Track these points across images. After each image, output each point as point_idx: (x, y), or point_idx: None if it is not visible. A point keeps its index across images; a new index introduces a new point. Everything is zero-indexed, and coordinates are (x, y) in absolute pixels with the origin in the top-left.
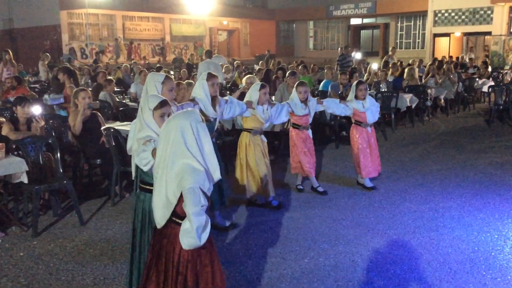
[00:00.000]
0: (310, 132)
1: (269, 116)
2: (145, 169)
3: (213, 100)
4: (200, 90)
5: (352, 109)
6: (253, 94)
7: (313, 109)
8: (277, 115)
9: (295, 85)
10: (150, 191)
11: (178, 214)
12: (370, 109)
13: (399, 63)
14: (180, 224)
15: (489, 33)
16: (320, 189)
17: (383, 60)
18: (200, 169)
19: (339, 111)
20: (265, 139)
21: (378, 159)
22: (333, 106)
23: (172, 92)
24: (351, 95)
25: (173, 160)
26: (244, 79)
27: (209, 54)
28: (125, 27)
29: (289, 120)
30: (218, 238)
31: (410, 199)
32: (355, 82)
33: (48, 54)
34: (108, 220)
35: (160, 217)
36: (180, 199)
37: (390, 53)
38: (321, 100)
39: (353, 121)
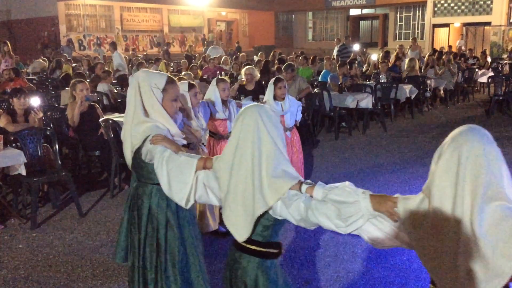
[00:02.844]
0: None
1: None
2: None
3: None
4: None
5: None
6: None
7: (234, 112)
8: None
9: (215, 81)
10: None
11: None
12: (290, 111)
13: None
14: None
15: (488, 24)
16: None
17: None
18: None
19: None
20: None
21: (299, 166)
22: None
23: (176, 102)
24: (268, 95)
25: None
26: (242, 71)
27: (114, 45)
28: (123, 18)
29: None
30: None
31: (410, 189)
32: (272, 80)
33: (45, 58)
34: (107, 211)
35: None
36: None
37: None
38: (240, 103)
39: None
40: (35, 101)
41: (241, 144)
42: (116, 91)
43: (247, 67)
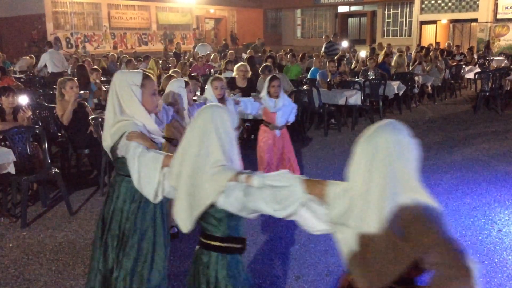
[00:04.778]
0: None
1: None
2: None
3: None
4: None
5: (263, 107)
6: (181, 92)
7: (232, 110)
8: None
9: (210, 80)
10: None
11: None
12: (282, 110)
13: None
14: None
15: (475, 20)
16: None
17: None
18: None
19: (255, 111)
20: None
21: (292, 167)
22: (249, 106)
23: (155, 96)
24: (263, 92)
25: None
26: (235, 67)
27: (50, 44)
28: (111, 15)
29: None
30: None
31: None
32: (268, 77)
33: (32, 56)
34: (98, 210)
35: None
36: None
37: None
38: (237, 100)
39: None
40: (23, 99)
41: (191, 142)
42: (105, 89)
43: (241, 63)
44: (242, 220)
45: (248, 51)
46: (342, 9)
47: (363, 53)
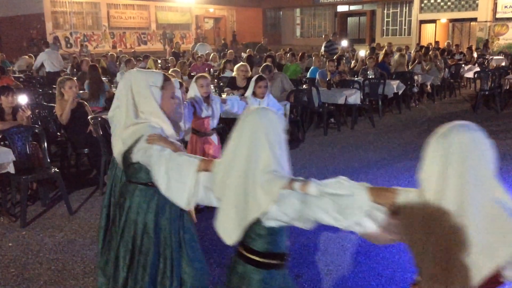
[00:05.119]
0: (215, 138)
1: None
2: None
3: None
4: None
5: (248, 107)
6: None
7: (218, 109)
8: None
9: (194, 78)
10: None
11: None
12: None
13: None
14: None
15: (474, 19)
16: None
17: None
18: None
19: (242, 110)
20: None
21: None
22: (235, 105)
23: (174, 100)
24: (248, 91)
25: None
26: (235, 67)
27: (46, 44)
28: (110, 15)
29: None
30: (206, 222)
31: (398, 184)
32: (254, 78)
33: (31, 55)
34: (97, 209)
35: None
36: None
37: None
38: (224, 98)
39: None
40: (22, 99)
41: (238, 148)
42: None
43: (242, 63)
44: (284, 235)
45: (248, 50)
46: (341, 8)
47: (362, 52)
